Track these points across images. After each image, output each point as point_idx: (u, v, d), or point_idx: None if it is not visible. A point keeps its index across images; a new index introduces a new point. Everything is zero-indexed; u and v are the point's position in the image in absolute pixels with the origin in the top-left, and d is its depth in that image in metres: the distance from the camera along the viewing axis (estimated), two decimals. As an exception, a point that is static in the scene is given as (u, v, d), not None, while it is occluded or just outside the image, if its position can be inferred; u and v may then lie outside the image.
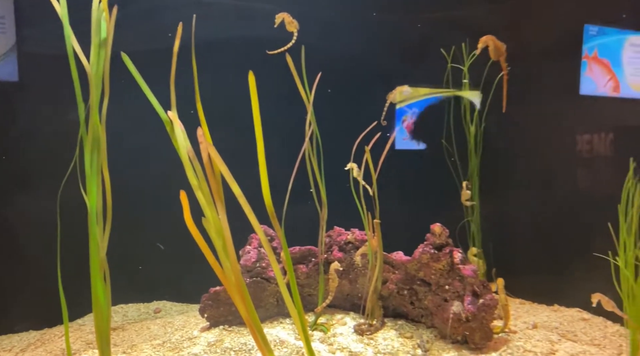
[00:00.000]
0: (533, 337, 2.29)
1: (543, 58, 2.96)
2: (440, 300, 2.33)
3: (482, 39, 2.27)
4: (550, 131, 2.98)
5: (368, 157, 2.49)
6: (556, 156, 2.90)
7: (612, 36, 2.74)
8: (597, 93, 2.76)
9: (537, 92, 3.00)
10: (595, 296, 1.98)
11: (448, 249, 2.36)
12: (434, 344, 2.28)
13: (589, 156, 2.78)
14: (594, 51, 2.71)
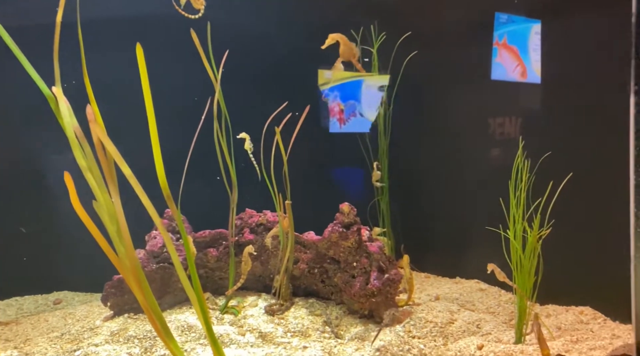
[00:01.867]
0: (435, 308, 2.42)
1: (455, 43, 3.07)
2: (348, 276, 2.39)
3: (330, 36, 2.21)
4: (456, 113, 3.12)
5: (278, 139, 2.47)
6: (460, 137, 3.05)
7: (520, 24, 2.89)
8: (506, 78, 2.90)
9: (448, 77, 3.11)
10: (490, 266, 2.12)
11: (356, 228, 2.42)
12: (342, 320, 2.34)
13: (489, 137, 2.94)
14: (504, 38, 2.84)
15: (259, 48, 3.15)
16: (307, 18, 3.20)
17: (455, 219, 2.98)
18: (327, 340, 2.16)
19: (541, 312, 2.38)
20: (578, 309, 2.38)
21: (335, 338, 2.19)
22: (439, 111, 3.13)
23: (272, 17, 3.18)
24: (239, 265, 2.50)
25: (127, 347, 2.02)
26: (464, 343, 2.03)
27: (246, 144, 2.48)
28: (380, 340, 2.09)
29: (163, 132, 1.60)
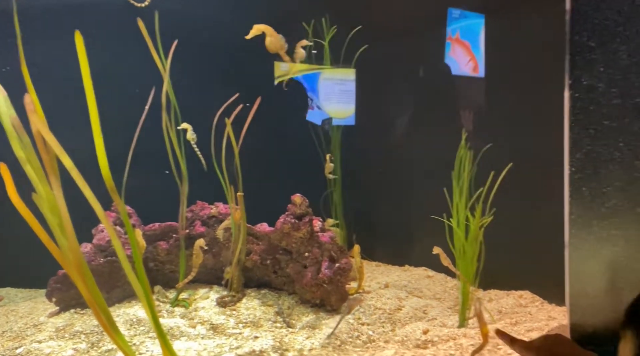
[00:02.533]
0: (384, 295, 2.49)
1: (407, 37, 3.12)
2: (300, 267, 2.42)
3: (255, 27, 2.18)
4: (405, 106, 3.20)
5: (229, 130, 2.46)
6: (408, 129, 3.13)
7: (472, 19, 2.96)
8: (459, 73, 2.98)
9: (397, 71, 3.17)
10: (436, 249, 2.20)
11: (308, 219, 2.45)
12: (294, 309, 2.38)
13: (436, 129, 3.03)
14: (457, 33, 2.90)
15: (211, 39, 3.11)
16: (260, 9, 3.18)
17: (404, 209, 3.06)
18: (279, 329, 2.19)
19: (484, 297, 2.50)
20: (518, 293, 2.51)
21: (287, 327, 2.22)
22: (390, 104, 3.20)
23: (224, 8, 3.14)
24: (190, 258, 2.49)
25: (73, 343, 1.97)
26: (411, 328, 2.10)
27: (188, 135, 2.45)
28: (330, 327, 2.14)
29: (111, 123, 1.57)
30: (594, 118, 1.94)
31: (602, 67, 1.91)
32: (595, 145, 1.93)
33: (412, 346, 1.98)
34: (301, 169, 3.25)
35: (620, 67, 1.86)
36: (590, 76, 1.96)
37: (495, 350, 1.95)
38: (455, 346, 1.94)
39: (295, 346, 2.02)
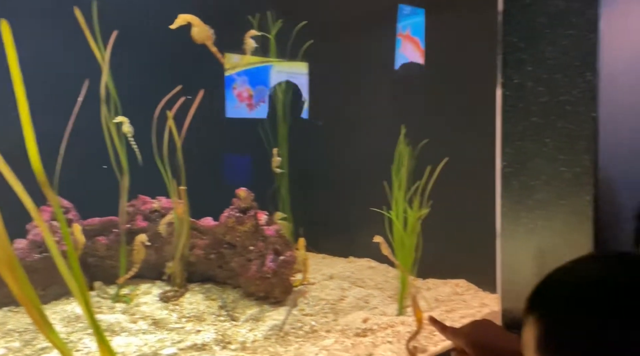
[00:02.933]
0: (328, 286, 2.54)
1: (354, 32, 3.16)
2: (244, 260, 2.43)
3: (180, 16, 2.17)
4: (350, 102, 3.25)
5: (171, 124, 2.43)
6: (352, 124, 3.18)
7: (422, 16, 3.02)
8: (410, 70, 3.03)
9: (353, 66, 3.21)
10: (377, 238, 2.27)
11: (253, 212, 2.46)
12: (239, 303, 2.39)
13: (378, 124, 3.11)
14: (407, 29, 2.96)
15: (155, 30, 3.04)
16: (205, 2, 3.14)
17: (348, 202, 3.12)
18: (222, 322, 2.20)
19: (422, 286, 2.60)
20: (454, 281, 2.63)
21: (230, 320, 2.23)
22: (334, 98, 3.24)
23: None
24: (131, 253, 2.45)
25: (5, 341, 1.91)
26: (352, 317, 2.16)
27: (124, 127, 2.40)
28: (274, 319, 2.17)
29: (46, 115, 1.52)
30: (523, 115, 2.06)
31: (531, 66, 2.03)
32: (524, 140, 2.04)
33: (352, 334, 2.04)
34: (247, 163, 3.25)
35: (547, 67, 1.97)
36: (520, 75, 2.07)
37: (431, 336, 2.04)
38: (393, 334, 2.01)
39: (238, 339, 2.04)
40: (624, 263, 0.64)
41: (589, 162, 1.92)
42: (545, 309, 0.64)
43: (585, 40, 1.90)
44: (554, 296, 0.64)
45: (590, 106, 1.92)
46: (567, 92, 1.97)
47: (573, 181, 1.97)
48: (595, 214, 1.92)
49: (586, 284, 0.62)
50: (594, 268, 0.64)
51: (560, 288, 0.65)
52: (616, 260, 0.65)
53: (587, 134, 1.93)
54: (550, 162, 2.03)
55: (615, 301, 0.58)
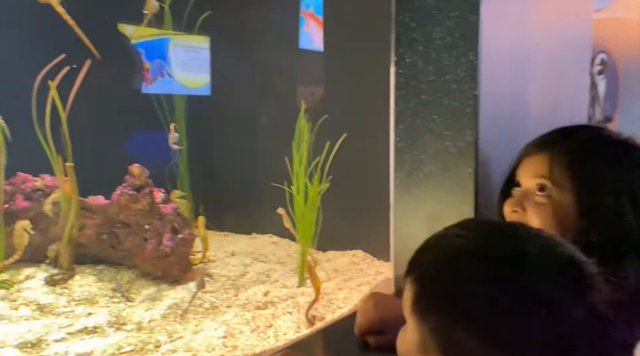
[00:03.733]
0: (230, 263, 2.53)
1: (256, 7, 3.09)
2: (140, 239, 2.34)
3: None
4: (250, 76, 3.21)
5: (54, 94, 2.24)
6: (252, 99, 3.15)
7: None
8: (313, 47, 3.03)
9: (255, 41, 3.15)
10: (280, 210, 2.29)
11: (148, 190, 2.37)
12: (134, 283, 2.30)
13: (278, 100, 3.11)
14: (310, 8, 2.94)
15: None
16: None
17: (250, 178, 3.11)
18: (117, 304, 2.11)
19: (322, 258, 2.68)
20: (352, 252, 2.74)
21: (125, 301, 2.14)
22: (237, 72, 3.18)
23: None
24: (11, 237, 2.25)
25: None
26: (252, 291, 2.18)
27: None
28: (172, 298, 2.12)
29: None
30: (414, 93, 2.16)
31: (421, 46, 2.13)
32: (415, 117, 2.15)
33: (252, 308, 2.06)
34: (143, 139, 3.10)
35: (435, 47, 2.08)
36: (412, 54, 2.17)
37: (329, 304, 2.12)
38: (293, 304, 2.06)
39: (134, 319, 1.97)
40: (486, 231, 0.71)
41: (471, 138, 2.06)
42: (417, 272, 0.69)
43: (468, 22, 2.03)
44: (425, 261, 0.70)
45: (472, 85, 2.05)
46: (452, 71, 2.09)
47: (457, 155, 2.10)
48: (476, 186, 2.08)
49: (449, 251, 0.68)
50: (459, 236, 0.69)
51: (430, 254, 0.70)
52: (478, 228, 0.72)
53: (469, 111, 2.07)
54: (438, 138, 2.16)
55: (473, 266, 0.64)
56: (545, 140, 1.09)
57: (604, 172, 0.96)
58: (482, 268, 0.63)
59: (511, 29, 2.17)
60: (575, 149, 1.01)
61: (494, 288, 0.61)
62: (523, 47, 2.20)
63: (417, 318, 0.67)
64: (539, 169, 1.03)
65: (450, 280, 0.64)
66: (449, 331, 0.62)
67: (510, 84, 2.20)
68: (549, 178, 1.00)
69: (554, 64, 2.28)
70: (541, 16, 2.24)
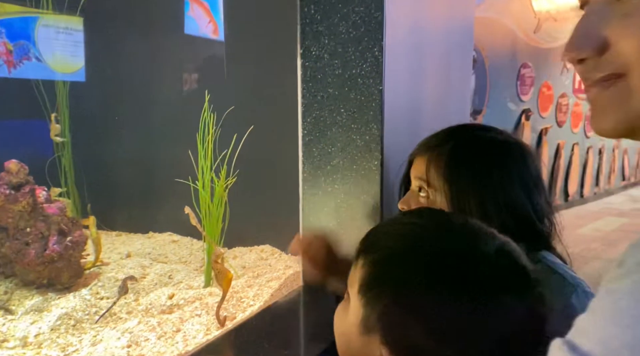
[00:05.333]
0: (126, 266, 2.34)
1: None
2: (21, 244, 2.06)
3: None
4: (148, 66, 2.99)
5: None
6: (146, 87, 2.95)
7: None
8: (199, 34, 2.87)
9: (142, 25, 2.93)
10: (187, 209, 2.16)
11: (28, 188, 2.10)
12: (14, 293, 2.03)
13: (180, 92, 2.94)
14: None
15: None
16: None
17: (146, 173, 2.91)
18: (-6, 319, 1.84)
19: (229, 254, 2.59)
20: (259, 248, 2.69)
21: (5, 314, 1.88)
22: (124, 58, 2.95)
23: None
24: None
25: None
26: (155, 295, 2.03)
27: None
28: (62, 307, 1.90)
29: None
30: (321, 86, 2.17)
31: (327, 39, 2.13)
32: (322, 110, 2.16)
33: (157, 313, 1.92)
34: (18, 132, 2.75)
35: (341, 41, 2.10)
36: (318, 47, 2.17)
37: (239, 303, 2.05)
38: (202, 306, 1.96)
39: (17, 335, 1.73)
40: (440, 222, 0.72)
41: (377, 131, 2.12)
42: (373, 255, 0.69)
43: (373, 18, 2.08)
44: (382, 246, 0.70)
45: (377, 80, 2.11)
46: (358, 66, 2.13)
47: (363, 148, 2.16)
48: (382, 178, 2.14)
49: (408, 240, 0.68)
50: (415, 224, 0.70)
51: (388, 239, 0.71)
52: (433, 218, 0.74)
53: (375, 105, 2.13)
54: (345, 131, 2.19)
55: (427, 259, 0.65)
56: (428, 142, 1.17)
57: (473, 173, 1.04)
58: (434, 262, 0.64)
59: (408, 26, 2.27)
60: (449, 152, 1.07)
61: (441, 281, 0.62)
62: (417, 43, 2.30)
63: (365, 300, 0.66)
64: (419, 171, 1.11)
65: (404, 269, 0.65)
66: (396, 318, 0.63)
67: (409, 80, 2.30)
68: (426, 180, 1.08)
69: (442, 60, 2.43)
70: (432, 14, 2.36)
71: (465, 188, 1.03)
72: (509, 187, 1.02)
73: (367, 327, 0.66)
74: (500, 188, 1.02)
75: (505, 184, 1.02)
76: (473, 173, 1.04)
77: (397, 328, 0.63)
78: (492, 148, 1.07)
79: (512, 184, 1.02)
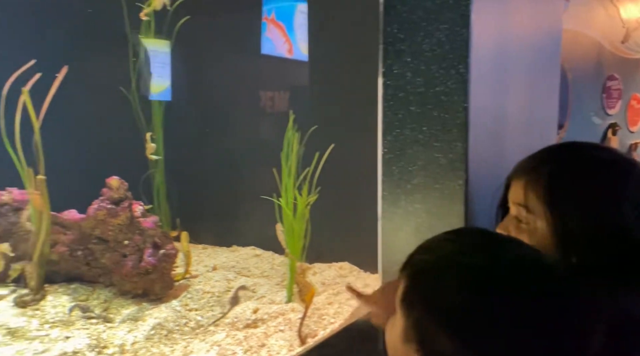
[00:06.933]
0: (212, 278, 2.44)
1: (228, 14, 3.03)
2: (119, 256, 2.22)
3: None
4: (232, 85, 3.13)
5: (27, 100, 2.11)
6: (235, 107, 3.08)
7: (286, 2, 2.98)
8: (275, 53, 2.98)
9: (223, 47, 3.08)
10: (279, 227, 2.23)
11: (127, 203, 2.25)
12: (112, 302, 2.18)
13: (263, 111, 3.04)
14: (272, 14, 2.89)
15: None
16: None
17: (231, 189, 3.02)
18: (95, 326, 1.98)
19: (309, 271, 2.61)
20: (338, 265, 2.69)
21: (104, 322, 2.02)
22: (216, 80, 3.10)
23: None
24: (-23, 254, 2.09)
25: None
26: (240, 308, 2.10)
27: None
28: (155, 317, 2.01)
29: None
30: (402, 104, 2.15)
31: (409, 57, 2.12)
32: (403, 128, 2.14)
33: (242, 326, 1.98)
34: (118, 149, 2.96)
35: (424, 59, 2.08)
36: (400, 66, 2.16)
37: (320, 320, 2.06)
38: (285, 322, 1.99)
39: (115, 342, 1.85)
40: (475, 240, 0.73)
41: (461, 149, 2.07)
42: (410, 268, 0.73)
43: (458, 35, 2.04)
44: (418, 259, 0.73)
45: (462, 97, 2.06)
46: (442, 83, 2.09)
47: (447, 167, 2.10)
48: (466, 198, 2.08)
49: (438, 253, 0.71)
50: (449, 241, 0.73)
51: (423, 254, 0.74)
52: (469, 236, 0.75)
53: (459, 122, 2.07)
54: (427, 149, 2.15)
55: (455, 273, 0.66)
56: (525, 164, 1.08)
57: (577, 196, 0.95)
58: (463, 276, 0.66)
59: (493, 40, 2.20)
60: (549, 174, 0.99)
61: (472, 296, 0.64)
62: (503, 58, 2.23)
63: (404, 310, 0.71)
64: (517, 196, 1.04)
65: (433, 282, 0.68)
66: (427, 328, 0.66)
67: (494, 96, 2.22)
68: (524, 205, 1.01)
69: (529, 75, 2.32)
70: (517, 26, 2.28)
71: (569, 213, 0.96)
72: (618, 211, 0.94)
73: (406, 336, 0.69)
74: (608, 213, 0.95)
75: (614, 207, 0.95)
76: (577, 196, 0.97)
77: (428, 337, 0.66)
78: (599, 167, 1.00)
79: (622, 208, 0.94)
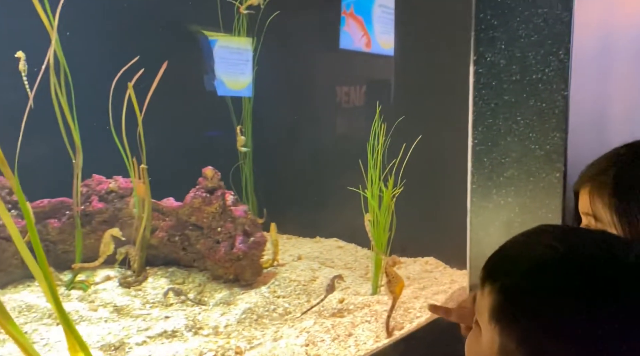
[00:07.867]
0: (298, 267, 2.49)
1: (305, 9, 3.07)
2: (212, 242, 2.33)
3: None
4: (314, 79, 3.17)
5: (131, 94, 2.26)
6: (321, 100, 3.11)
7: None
8: (353, 47, 2.98)
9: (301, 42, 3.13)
10: (367, 217, 2.23)
11: (220, 192, 2.35)
12: (206, 286, 2.29)
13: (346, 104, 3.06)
14: (351, 8, 2.90)
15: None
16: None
17: (316, 181, 3.06)
18: (191, 307, 2.09)
19: (398, 264, 2.59)
20: (424, 259, 2.65)
21: (198, 305, 2.13)
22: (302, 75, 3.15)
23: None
24: (87, 236, 2.28)
25: (-51, 337, 1.71)
26: (327, 298, 2.12)
27: (21, 65, 2.12)
28: (246, 302, 2.09)
29: None
30: (496, 93, 2.06)
31: (504, 44, 2.02)
32: (495, 119, 2.05)
33: (329, 315, 2.00)
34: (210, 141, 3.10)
35: (520, 45, 1.98)
36: (493, 53, 2.06)
37: (406, 313, 2.04)
38: (371, 313, 1.99)
39: (210, 324, 1.95)
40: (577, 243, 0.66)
41: (560, 140, 1.95)
42: (500, 281, 0.66)
43: (559, 19, 1.92)
44: (510, 270, 0.66)
45: (562, 85, 1.94)
46: (539, 70, 1.98)
47: (543, 159, 1.99)
48: (564, 191, 1.96)
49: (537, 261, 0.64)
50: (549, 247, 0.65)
51: (516, 262, 0.67)
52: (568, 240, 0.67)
53: (558, 112, 1.96)
54: (522, 140, 2.05)
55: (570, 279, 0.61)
56: (588, 171, 1.02)
57: None
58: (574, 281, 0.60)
59: (597, 25, 2.04)
60: (614, 179, 0.94)
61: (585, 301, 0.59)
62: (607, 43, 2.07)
63: (500, 327, 0.64)
64: (584, 206, 1.00)
65: (540, 293, 0.62)
66: (539, 342, 0.60)
67: (596, 84, 2.07)
68: (592, 214, 0.98)
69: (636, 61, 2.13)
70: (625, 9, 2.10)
71: (638, 217, 0.90)
72: None
73: (505, 352, 0.64)
74: None
75: None
76: None
77: (539, 350, 0.60)
78: None
79: None
